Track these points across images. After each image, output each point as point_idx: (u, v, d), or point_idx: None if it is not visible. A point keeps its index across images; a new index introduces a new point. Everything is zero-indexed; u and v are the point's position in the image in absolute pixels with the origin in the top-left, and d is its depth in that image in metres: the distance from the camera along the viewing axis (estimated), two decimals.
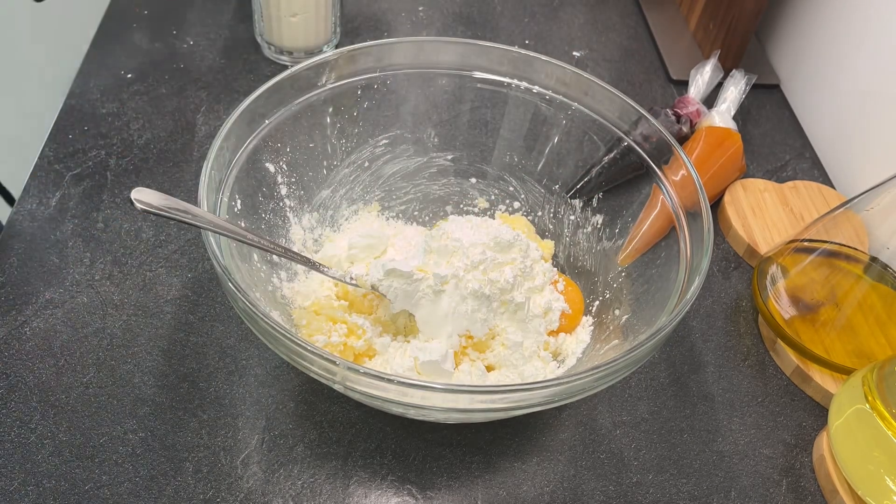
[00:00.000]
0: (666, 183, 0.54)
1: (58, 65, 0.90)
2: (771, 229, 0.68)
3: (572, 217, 0.62)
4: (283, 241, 0.57)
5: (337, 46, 0.81)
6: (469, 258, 0.51)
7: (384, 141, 0.62)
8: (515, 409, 0.43)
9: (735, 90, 0.75)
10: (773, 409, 0.57)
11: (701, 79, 0.75)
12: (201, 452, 0.50)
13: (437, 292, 0.51)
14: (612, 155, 0.60)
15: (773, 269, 0.62)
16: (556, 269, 0.59)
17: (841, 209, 0.59)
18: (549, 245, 0.62)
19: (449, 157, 0.64)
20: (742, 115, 0.82)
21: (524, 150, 0.63)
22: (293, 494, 0.49)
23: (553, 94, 0.60)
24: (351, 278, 0.52)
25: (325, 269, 0.52)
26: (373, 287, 0.52)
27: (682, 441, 0.54)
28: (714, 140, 0.71)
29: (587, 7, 0.96)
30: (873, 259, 0.58)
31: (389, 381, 0.39)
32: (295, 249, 0.58)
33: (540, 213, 0.64)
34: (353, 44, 0.58)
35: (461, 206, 0.66)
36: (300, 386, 0.54)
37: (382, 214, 0.64)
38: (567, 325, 0.56)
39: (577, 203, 0.62)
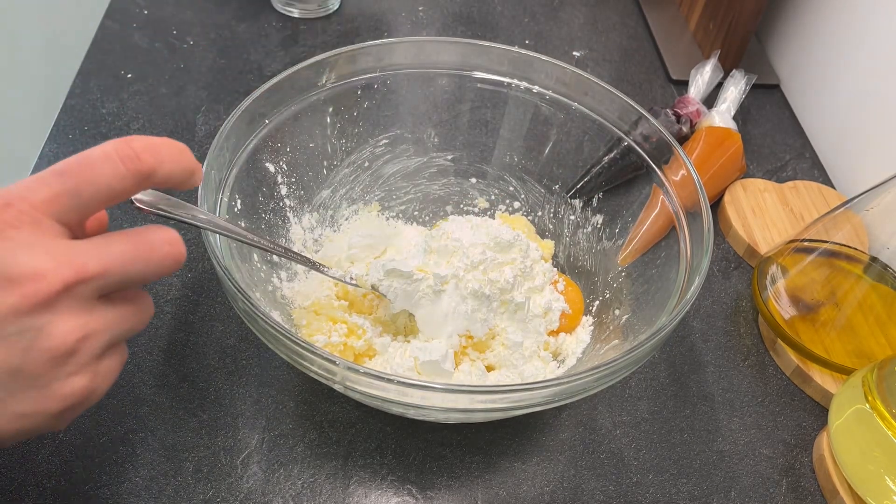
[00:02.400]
0: (666, 183, 0.54)
1: (58, 65, 0.90)
2: (771, 229, 0.68)
3: (572, 217, 0.62)
4: (283, 241, 0.57)
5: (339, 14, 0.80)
6: (469, 258, 0.51)
7: (384, 141, 0.62)
8: (515, 409, 0.43)
9: (735, 90, 0.75)
10: (773, 409, 0.57)
11: (701, 79, 0.75)
12: (201, 452, 0.50)
13: (437, 292, 0.51)
14: (612, 155, 0.60)
15: (773, 269, 0.62)
16: (555, 269, 0.59)
17: (841, 209, 0.59)
18: (549, 245, 0.62)
19: (449, 157, 0.64)
20: (742, 115, 0.82)
21: (524, 150, 0.63)
22: (293, 494, 0.49)
23: (553, 94, 0.60)
24: (351, 278, 0.52)
25: (326, 269, 0.52)
26: (373, 287, 0.52)
27: (682, 441, 0.54)
28: (714, 140, 0.71)
29: (587, 7, 0.96)
30: (873, 259, 0.58)
31: (389, 381, 0.39)
32: (295, 249, 0.58)
33: (540, 213, 0.64)
34: (353, 44, 0.58)
35: (461, 206, 0.66)
36: (300, 386, 0.54)
37: (382, 214, 0.64)
38: (567, 325, 0.56)
39: (577, 203, 0.62)
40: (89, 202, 0.31)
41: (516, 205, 0.65)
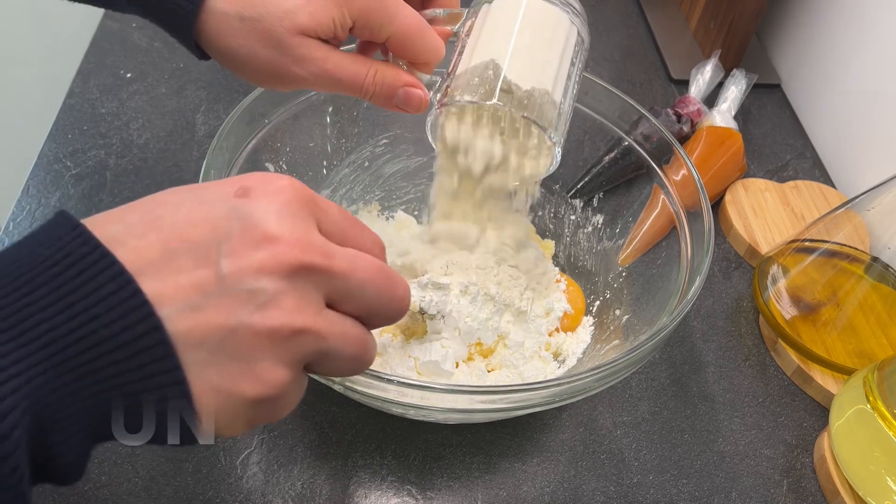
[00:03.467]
0: (666, 182, 0.54)
1: (57, 64, 0.90)
2: (772, 229, 0.68)
3: (573, 217, 0.62)
4: None
5: None
6: (487, 262, 0.51)
7: (384, 141, 0.62)
8: (516, 410, 0.43)
9: (736, 90, 0.75)
10: (774, 409, 0.57)
11: (701, 78, 0.75)
12: (201, 452, 0.50)
13: (462, 298, 0.51)
14: (612, 155, 0.60)
15: (774, 269, 0.61)
16: (557, 268, 0.59)
17: (842, 209, 0.59)
18: (549, 245, 0.62)
19: None
20: (743, 114, 0.81)
21: None
22: (293, 494, 0.48)
23: None
24: None
25: None
26: (421, 311, 0.50)
27: (682, 441, 0.54)
28: (715, 140, 0.71)
29: (587, 7, 0.95)
30: (874, 259, 0.58)
31: (389, 381, 0.39)
32: None
33: (540, 213, 0.64)
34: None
35: None
36: None
37: (382, 214, 0.64)
38: (568, 324, 0.56)
39: (578, 203, 0.62)
40: (344, 239, 0.30)
41: None
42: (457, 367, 0.52)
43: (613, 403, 0.56)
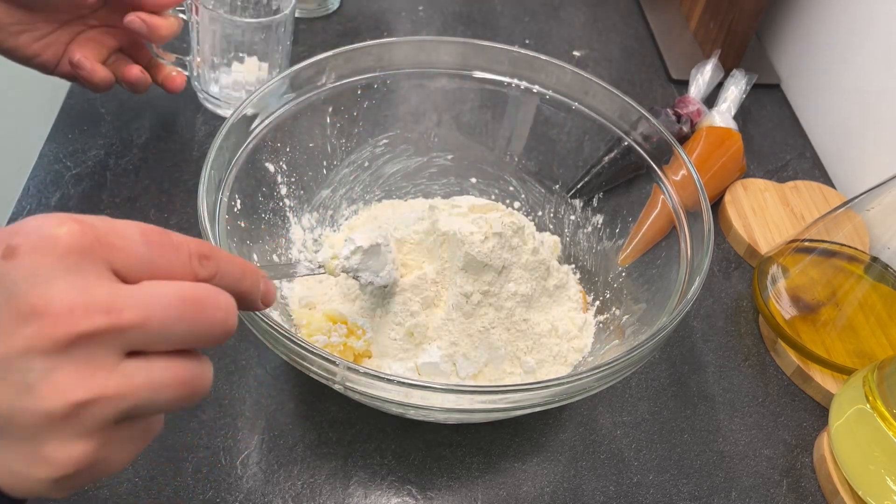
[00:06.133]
0: (666, 183, 0.54)
1: None
2: (771, 229, 0.68)
3: (572, 217, 0.62)
4: (283, 241, 0.57)
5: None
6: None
7: (384, 141, 0.62)
8: (516, 410, 0.43)
9: (735, 90, 0.75)
10: (774, 409, 0.57)
11: (701, 78, 0.75)
12: (201, 453, 0.50)
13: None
14: (612, 155, 0.60)
15: (774, 269, 0.61)
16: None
17: (842, 209, 0.59)
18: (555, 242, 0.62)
19: (449, 157, 0.64)
20: (742, 114, 0.81)
21: (524, 150, 0.63)
22: (293, 494, 0.48)
23: (553, 94, 0.60)
24: (319, 265, 0.47)
25: (295, 271, 0.48)
26: (344, 270, 0.48)
27: (682, 441, 0.54)
28: (714, 140, 0.71)
29: (587, 7, 0.96)
30: (874, 259, 0.58)
31: (389, 381, 0.39)
32: (294, 249, 0.58)
33: (540, 213, 0.64)
34: (353, 44, 0.58)
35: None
36: (300, 386, 0.54)
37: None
38: None
39: (578, 203, 0.62)
40: (150, 272, 0.28)
41: (516, 205, 0.65)
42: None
43: (613, 403, 0.56)
